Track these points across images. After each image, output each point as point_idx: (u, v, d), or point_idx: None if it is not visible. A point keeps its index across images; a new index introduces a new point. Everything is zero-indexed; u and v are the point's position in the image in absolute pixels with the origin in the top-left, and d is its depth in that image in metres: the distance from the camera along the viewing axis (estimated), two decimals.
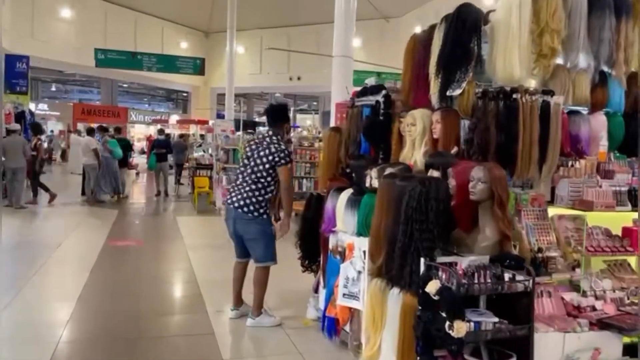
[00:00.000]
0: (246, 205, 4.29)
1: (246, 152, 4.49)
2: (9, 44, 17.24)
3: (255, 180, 4.31)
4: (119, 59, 12.24)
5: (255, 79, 24.46)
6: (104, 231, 8.36)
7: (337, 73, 8.68)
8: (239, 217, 4.33)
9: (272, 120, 4.61)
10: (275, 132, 4.47)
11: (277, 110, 4.78)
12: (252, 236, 4.36)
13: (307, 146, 11.07)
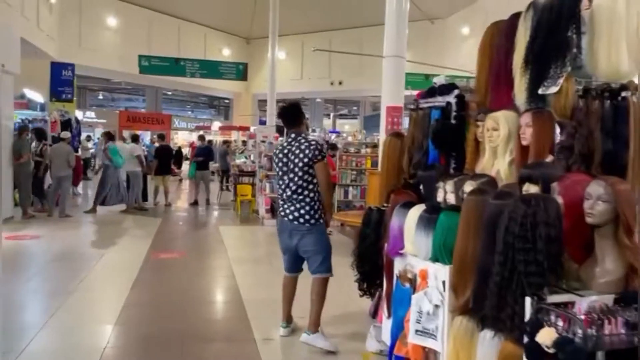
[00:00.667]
0: (301, 216, 4.03)
1: (280, 160, 4.16)
2: (57, 53, 17.42)
3: (299, 186, 4.03)
4: (162, 65, 12.02)
5: (297, 85, 24.08)
6: (146, 241, 8.02)
7: (388, 74, 8.08)
8: (295, 229, 4.06)
9: (290, 122, 4.27)
10: (298, 132, 4.19)
11: (292, 111, 4.34)
12: (310, 247, 4.10)
13: (353, 152, 10.52)
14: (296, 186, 4.02)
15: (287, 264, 4.28)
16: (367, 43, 22.50)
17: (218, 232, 9.25)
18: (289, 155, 4.08)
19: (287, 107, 4.38)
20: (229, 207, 13.09)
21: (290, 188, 4.04)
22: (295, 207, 4.04)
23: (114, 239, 8.26)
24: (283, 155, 4.13)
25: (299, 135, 4.15)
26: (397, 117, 8.04)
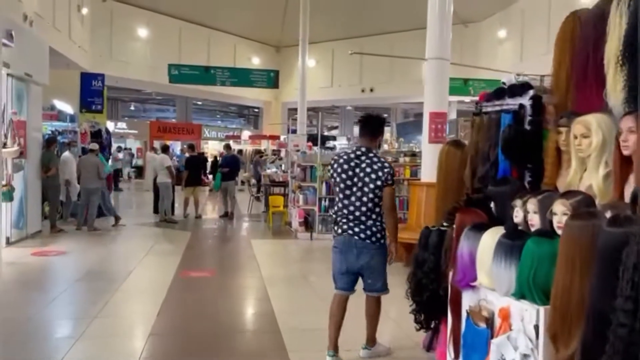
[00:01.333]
0: (373, 234, 3.85)
1: (344, 172, 3.84)
2: (89, 64, 17.36)
3: (369, 208, 3.81)
4: (192, 74, 11.71)
5: (327, 92, 23.64)
6: (175, 258, 7.60)
7: (430, 78, 7.50)
8: (366, 248, 3.84)
9: (369, 132, 3.99)
10: (369, 147, 3.93)
11: (376, 122, 4.10)
12: (376, 266, 3.93)
13: (390, 162, 9.90)
14: (366, 208, 3.80)
15: (344, 283, 3.98)
16: (398, 49, 21.91)
17: (250, 247, 8.78)
18: (355, 170, 3.81)
19: (373, 116, 4.18)
20: (259, 218, 12.64)
21: (359, 209, 3.81)
22: (366, 225, 3.82)
23: (143, 255, 7.86)
24: (349, 167, 3.83)
25: (371, 152, 3.88)
26: (441, 123, 7.44)
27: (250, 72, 11.98)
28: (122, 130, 25.36)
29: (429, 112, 7.48)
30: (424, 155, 7.58)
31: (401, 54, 21.82)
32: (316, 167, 9.59)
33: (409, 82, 21.72)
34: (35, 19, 12.30)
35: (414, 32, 21.70)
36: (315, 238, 9.55)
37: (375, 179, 3.76)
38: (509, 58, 18.04)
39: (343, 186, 3.85)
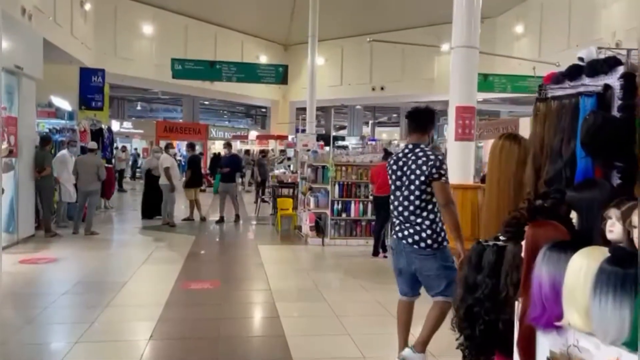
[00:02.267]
0: (422, 240, 3.47)
1: (394, 173, 3.63)
2: (92, 61, 16.76)
3: (417, 206, 3.48)
4: (196, 69, 11.01)
5: (336, 91, 22.90)
6: (176, 266, 6.89)
7: (457, 68, 6.72)
8: (415, 254, 3.49)
9: (417, 126, 3.64)
10: (417, 143, 3.60)
11: (425, 115, 3.70)
12: (432, 272, 3.51)
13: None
14: (414, 206, 3.49)
15: (403, 286, 3.70)
16: (410, 46, 21.15)
17: (257, 253, 8.05)
18: (403, 169, 3.55)
19: (421, 109, 3.73)
20: (267, 221, 11.91)
21: (407, 208, 3.52)
22: (414, 229, 3.49)
23: (140, 262, 7.15)
24: (398, 167, 3.60)
25: (418, 147, 3.55)
26: (470, 118, 6.68)
27: (257, 67, 11.27)
28: (128, 130, 24.76)
29: (456, 107, 6.71)
30: (450, 155, 6.82)
31: (412, 51, 21.10)
32: (328, 167, 8.84)
33: (420, 80, 20.98)
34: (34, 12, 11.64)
35: (424, 28, 21.02)
36: (327, 244, 8.82)
37: (419, 175, 3.44)
38: (526, 54, 17.21)
39: (394, 187, 3.63)
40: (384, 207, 8.25)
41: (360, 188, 8.92)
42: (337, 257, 7.91)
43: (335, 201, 8.85)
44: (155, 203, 10.90)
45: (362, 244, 8.89)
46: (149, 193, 11.18)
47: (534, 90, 10.42)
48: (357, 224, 8.96)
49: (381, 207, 8.09)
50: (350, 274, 6.78)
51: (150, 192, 11.10)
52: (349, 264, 7.47)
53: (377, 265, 7.46)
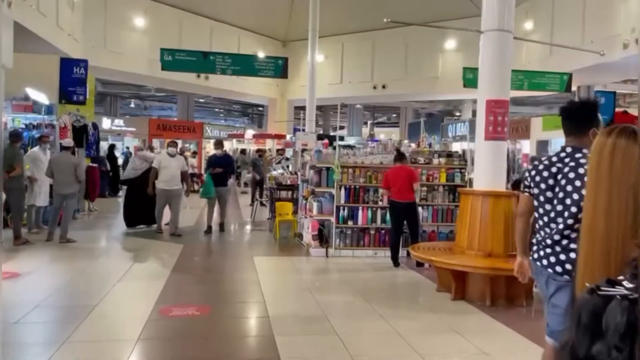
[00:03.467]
0: (562, 263, 2.63)
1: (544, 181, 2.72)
2: (80, 55, 15.59)
3: (569, 223, 2.61)
4: (188, 60, 9.92)
5: (335, 90, 21.78)
6: (157, 283, 5.82)
7: (488, 55, 5.69)
8: (551, 278, 2.69)
9: (574, 127, 2.71)
10: (578, 146, 2.67)
11: (582, 111, 2.75)
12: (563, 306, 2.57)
13: (423, 164, 8.10)
14: (568, 227, 2.61)
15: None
16: (413, 42, 20.16)
17: (252, 267, 6.98)
18: (557, 177, 2.69)
19: (577, 104, 2.88)
20: (263, 227, 10.84)
21: (559, 230, 2.65)
22: (567, 253, 2.63)
23: (117, 278, 6.07)
24: (549, 175, 2.72)
25: (579, 151, 2.64)
26: (503, 114, 5.64)
27: (255, 59, 10.19)
28: (120, 127, 23.58)
29: (486, 100, 5.67)
30: (479, 156, 5.79)
31: (416, 48, 20.10)
32: (333, 169, 7.78)
33: (424, 78, 19.95)
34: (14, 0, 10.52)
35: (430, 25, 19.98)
36: (331, 255, 7.76)
37: (580, 188, 2.55)
38: (535, 52, 16.21)
39: (543, 199, 2.75)
40: (403, 213, 7.22)
41: (369, 192, 7.87)
42: (344, 272, 6.85)
43: (340, 207, 7.80)
44: (141, 209, 9.62)
45: (370, 255, 7.85)
46: (134, 198, 9.82)
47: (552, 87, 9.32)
48: (365, 233, 7.91)
49: (399, 214, 7.10)
50: (361, 294, 5.72)
51: (135, 197, 9.73)
52: (358, 281, 6.41)
53: (390, 283, 6.42)
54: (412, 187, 7.00)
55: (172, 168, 9.12)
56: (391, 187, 7.11)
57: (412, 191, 7.03)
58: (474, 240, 5.62)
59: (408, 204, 7.06)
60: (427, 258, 5.63)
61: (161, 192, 9.08)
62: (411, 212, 7.10)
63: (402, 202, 7.06)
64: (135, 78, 19.88)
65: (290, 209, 9.60)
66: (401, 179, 7.05)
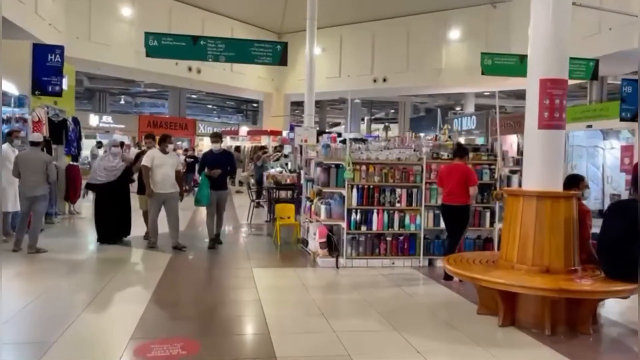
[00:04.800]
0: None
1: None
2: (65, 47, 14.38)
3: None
4: (175, 46, 8.73)
5: (334, 83, 20.59)
6: (135, 310, 4.65)
7: (541, 23, 4.55)
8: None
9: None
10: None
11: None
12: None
13: (445, 159, 6.98)
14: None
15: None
16: (415, 34, 19.02)
17: (251, 283, 5.83)
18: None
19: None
20: (261, 231, 9.71)
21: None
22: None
23: (87, 302, 4.91)
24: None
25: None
26: (561, 97, 4.52)
27: (251, 44, 9.02)
28: (108, 124, 22.33)
29: (540, 80, 4.54)
30: (531, 149, 4.67)
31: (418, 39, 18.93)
32: (344, 166, 6.64)
33: (426, 70, 18.81)
34: None
35: (432, 14, 18.88)
36: (342, 266, 6.63)
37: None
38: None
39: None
40: (451, 218, 6.16)
41: (384, 193, 6.73)
42: (360, 288, 5.71)
43: (352, 210, 6.66)
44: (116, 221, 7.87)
45: (387, 266, 6.73)
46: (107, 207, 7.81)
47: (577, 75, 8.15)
48: (380, 240, 6.77)
49: (447, 219, 6.17)
50: (387, 319, 4.59)
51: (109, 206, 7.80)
52: (380, 300, 5.27)
53: (418, 303, 5.28)
54: (466, 189, 5.97)
55: (166, 167, 7.42)
56: (444, 187, 6.16)
57: (466, 194, 5.98)
58: (527, 253, 4.50)
59: (457, 208, 6.04)
60: (469, 276, 4.49)
61: (157, 198, 7.41)
62: (459, 218, 6.07)
63: (451, 205, 6.06)
64: (122, 71, 18.62)
65: (292, 211, 8.47)
66: (454, 178, 6.03)
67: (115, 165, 7.84)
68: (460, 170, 6.07)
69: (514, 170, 7.06)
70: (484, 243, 6.89)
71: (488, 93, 23.49)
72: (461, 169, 6.09)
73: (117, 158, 7.94)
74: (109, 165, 7.81)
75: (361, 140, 8.60)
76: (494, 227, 6.89)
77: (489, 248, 6.87)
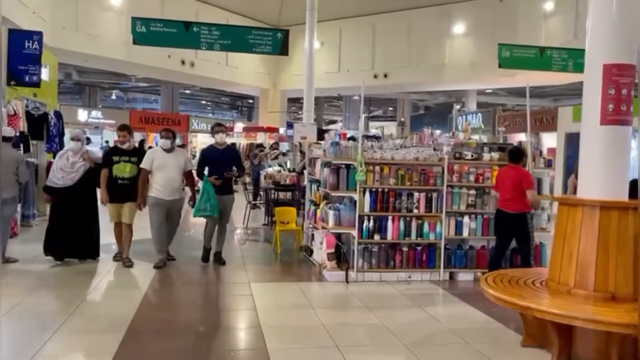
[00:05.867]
0: None
1: None
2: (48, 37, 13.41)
3: None
4: (166, 32, 7.85)
5: (332, 79, 19.78)
6: (109, 342, 3.80)
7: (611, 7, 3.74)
8: None
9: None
10: None
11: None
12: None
13: (470, 159, 6.16)
14: None
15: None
16: (417, 28, 18.19)
17: (250, 302, 4.98)
18: None
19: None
20: (258, 236, 8.85)
21: None
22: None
23: (53, 329, 4.04)
24: None
25: None
26: (628, 86, 3.70)
27: (249, 32, 8.13)
28: (98, 120, 21.31)
29: (604, 65, 3.71)
30: (589, 149, 3.84)
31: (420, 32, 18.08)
32: (356, 167, 5.80)
33: (429, 66, 17.99)
34: None
35: (435, 7, 18.06)
36: (353, 280, 5.79)
37: None
38: (557, 35, 14.33)
39: None
40: (508, 227, 5.40)
41: (401, 197, 5.90)
42: (378, 310, 4.86)
43: (365, 217, 5.83)
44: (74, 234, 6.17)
45: (402, 280, 5.91)
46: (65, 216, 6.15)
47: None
48: (395, 250, 5.94)
49: (501, 226, 5.52)
50: (416, 352, 3.76)
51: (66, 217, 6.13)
52: (403, 326, 4.43)
53: (449, 330, 4.43)
54: (522, 193, 5.28)
55: (170, 169, 6.07)
56: (499, 191, 5.58)
57: (524, 200, 5.28)
58: (587, 276, 3.68)
59: (514, 215, 5.35)
60: (520, 305, 3.64)
61: (156, 205, 6.03)
62: (519, 226, 5.38)
63: (506, 212, 5.39)
64: (112, 64, 17.66)
65: (293, 215, 7.61)
66: (508, 183, 5.38)
67: (73, 165, 6.09)
68: (514, 173, 5.41)
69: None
70: (511, 254, 6.07)
71: (490, 90, 22.72)
72: (515, 173, 5.42)
73: (77, 156, 6.14)
74: (66, 165, 6.09)
75: (374, 138, 7.72)
76: None
77: (517, 260, 6.07)
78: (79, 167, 6.13)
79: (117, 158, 6.14)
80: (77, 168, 6.12)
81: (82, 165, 6.14)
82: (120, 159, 6.13)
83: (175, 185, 6.14)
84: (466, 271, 6.06)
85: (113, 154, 6.24)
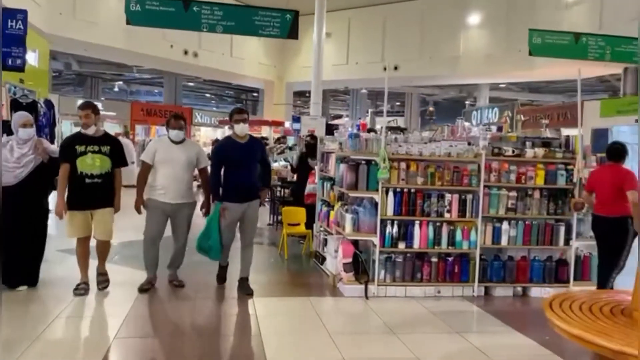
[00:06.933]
0: None
1: None
2: (44, 23, 12.63)
3: None
4: (163, 12, 6.97)
5: (340, 72, 18.87)
6: None
7: None
8: None
9: None
10: None
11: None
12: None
13: (510, 156, 5.25)
14: None
15: None
16: (430, 18, 17.24)
17: (254, 324, 4.11)
18: None
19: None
20: (263, 237, 8.00)
21: None
22: None
23: None
24: None
25: None
26: None
27: (254, 12, 7.23)
28: None
29: None
30: None
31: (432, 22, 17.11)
32: (378, 162, 4.90)
33: (442, 58, 17.02)
34: None
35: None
36: (373, 295, 4.91)
37: None
38: (580, 27, 13.31)
39: None
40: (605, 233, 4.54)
41: (430, 199, 5.01)
42: (404, 334, 3.98)
43: (387, 221, 4.94)
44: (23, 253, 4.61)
45: (430, 295, 5.02)
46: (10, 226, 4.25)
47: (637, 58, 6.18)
48: (423, 261, 5.05)
49: (599, 234, 4.74)
50: None
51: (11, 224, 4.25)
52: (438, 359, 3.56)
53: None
54: (622, 196, 4.44)
55: (176, 164, 4.78)
56: (596, 194, 4.75)
57: (624, 202, 4.42)
58: None
59: (613, 220, 4.53)
60: (610, 348, 2.76)
61: (156, 209, 4.79)
62: (617, 233, 4.54)
63: (604, 216, 4.60)
64: (111, 53, 16.76)
65: (302, 217, 6.72)
66: (606, 184, 4.58)
67: (19, 159, 4.48)
68: (613, 174, 4.59)
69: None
70: (556, 266, 5.18)
71: (504, 85, 21.76)
72: (614, 172, 4.61)
73: (27, 147, 4.54)
74: (9, 159, 4.45)
75: (399, 130, 6.82)
76: (570, 245, 5.19)
77: (563, 273, 5.18)
78: (27, 161, 4.51)
79: (82, 148, 4.45)
80: (24, 163, 4.49)
81: (32, 159, 4.53)
82: (87, 150, 4.46)
83: (183, 186, 4.80)
84: (504, 286, 5.17)
85: (75, 143, 4.49)
